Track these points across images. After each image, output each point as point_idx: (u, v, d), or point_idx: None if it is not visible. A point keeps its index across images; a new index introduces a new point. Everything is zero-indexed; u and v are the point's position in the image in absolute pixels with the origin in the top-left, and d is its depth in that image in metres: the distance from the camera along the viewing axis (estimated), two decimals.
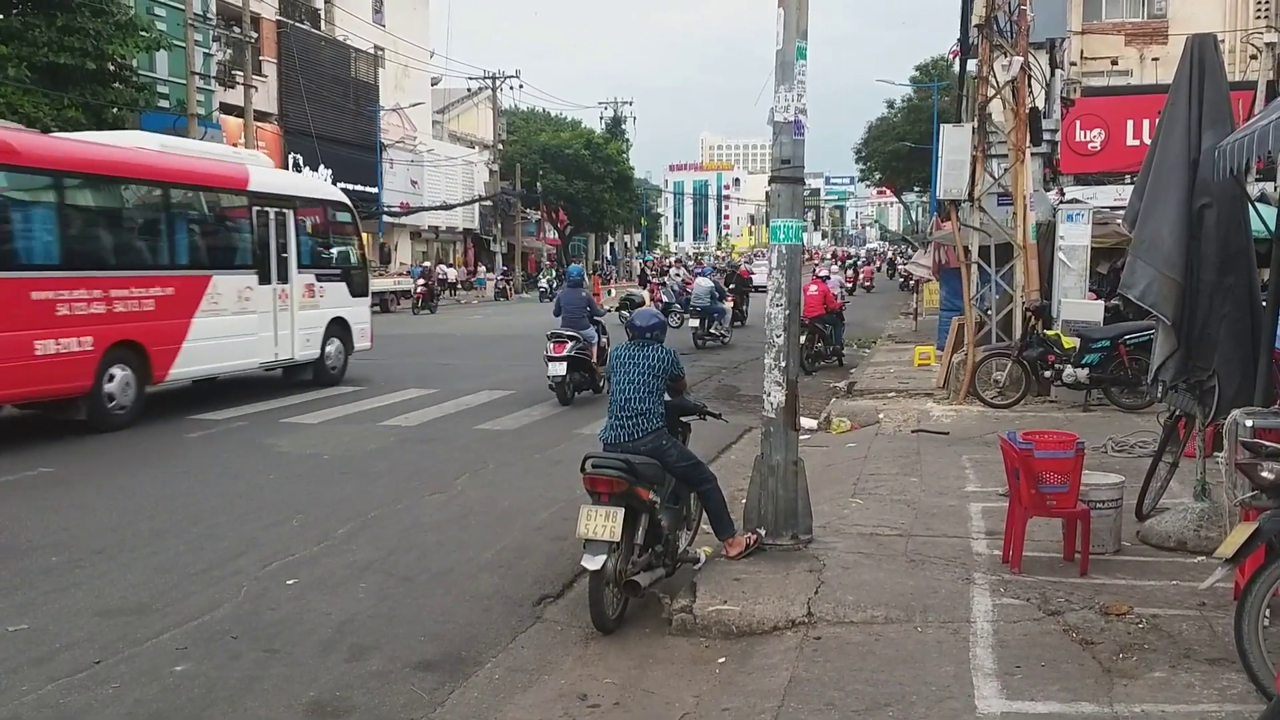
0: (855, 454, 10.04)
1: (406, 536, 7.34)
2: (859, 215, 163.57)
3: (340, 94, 41.90)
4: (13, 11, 26.18)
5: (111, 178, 12.18)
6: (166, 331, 12.27)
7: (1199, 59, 6.44)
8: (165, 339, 12.23)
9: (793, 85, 6.39)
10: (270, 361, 14.31)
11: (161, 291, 12.28)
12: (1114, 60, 28.36)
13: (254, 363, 14.00)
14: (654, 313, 6.47)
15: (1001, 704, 4.37)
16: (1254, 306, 6.46)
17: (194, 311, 12.75)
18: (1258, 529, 4.33)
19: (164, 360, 12.24)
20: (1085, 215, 13.25)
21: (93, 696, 4.70)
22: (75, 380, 10.92)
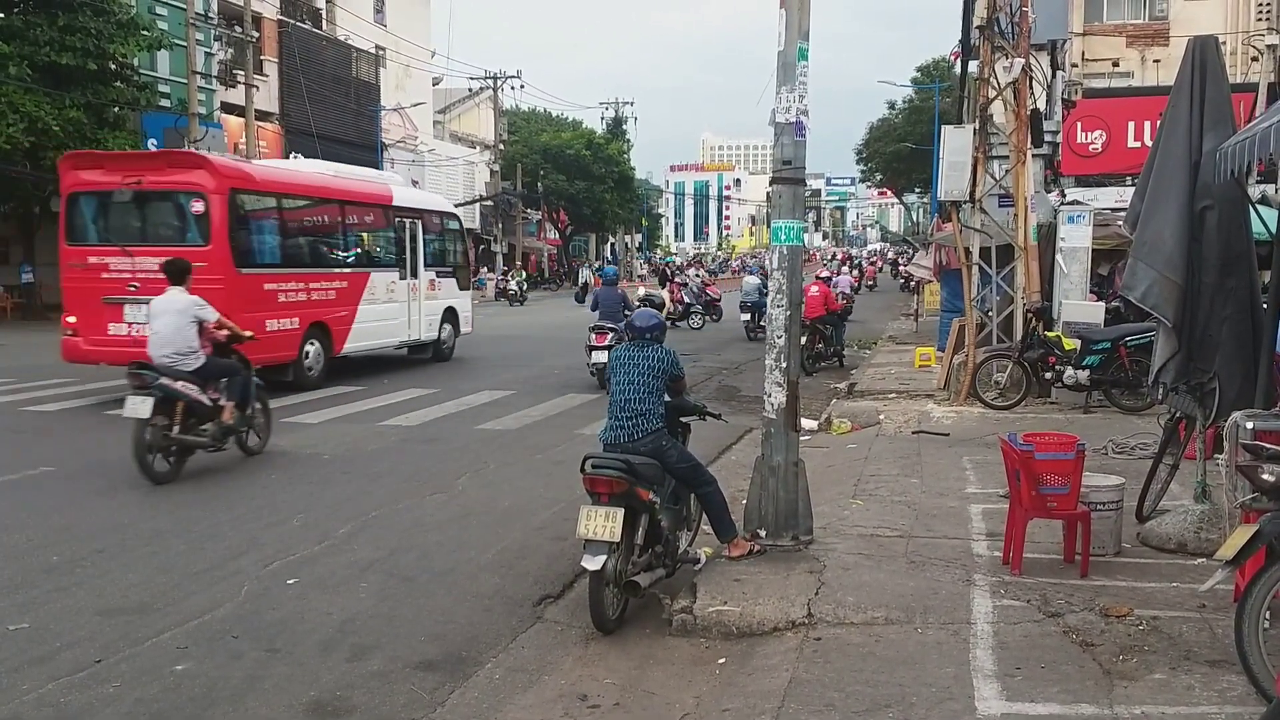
0: (856, 455, 10.05)
1: (407, 536, 7.35)
2: (860, 216, 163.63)
3: (341, 94, 41.93)
4: (14, 11, 26.21)
5: (309, 197, 15.79)
6: (342, 316, 15.76)
7: (1200, 61, 6.44)
8: (342, 322, 15.71)
9: (794, 86, 6.40)
10: (405, 341, 17.63)
11: (339, 285, 15.83)
12: (1115, 62, 28.37)
13: (394, 341, 17.37)
14: (653, 313, 6.46)
15: (1001, 705, 4.38)
16: (1255, 309, 6.46)
17: (359, 301, 16.19)
18: (1258, 531, 4.33)
19: (340, 338, 15.68)
20: (1086, 217, 13.25)
21: (93, 695, 4.71)
22: (288, 351, 14.31)
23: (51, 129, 24.58)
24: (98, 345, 13.40)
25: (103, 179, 13.78)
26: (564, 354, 20.10)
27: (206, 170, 13.55)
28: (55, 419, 11.85)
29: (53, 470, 9.30)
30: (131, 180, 13.53)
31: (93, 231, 14.02)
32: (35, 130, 24.37)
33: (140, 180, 13.54)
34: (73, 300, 13.74)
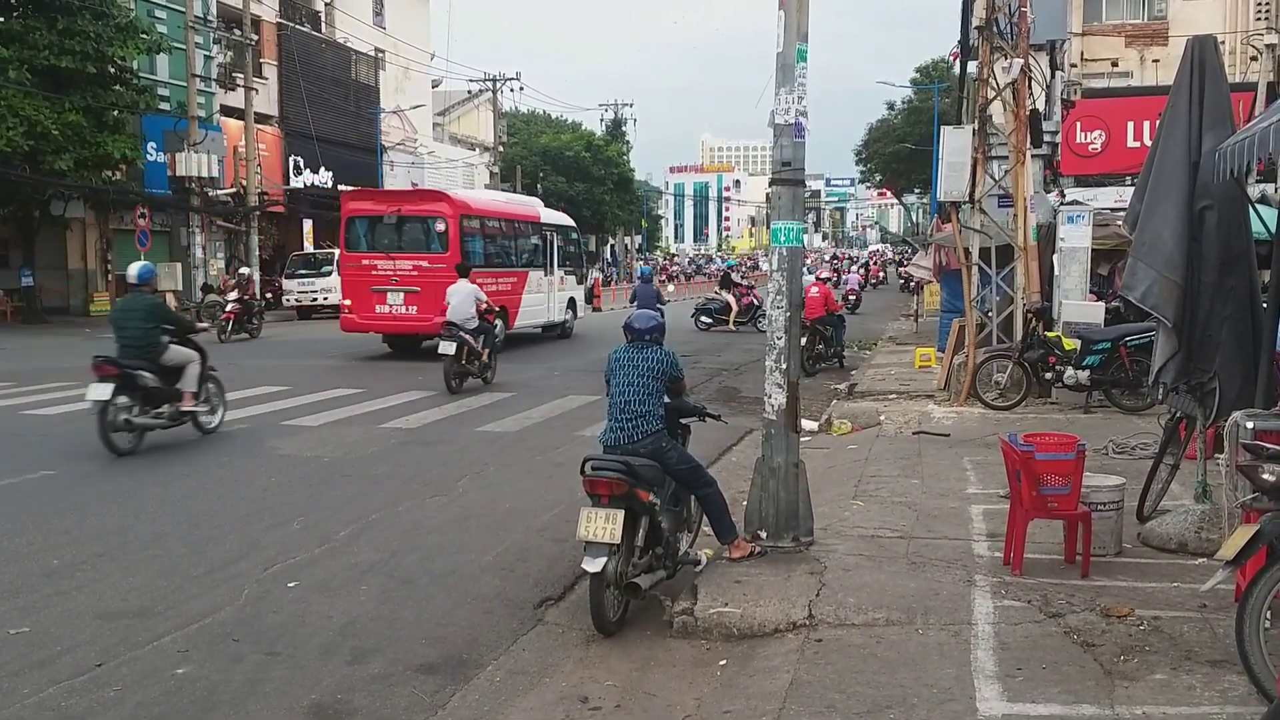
0: (856, 456, 10.04)
1: (408, 539, 7.35)
2: (859, 217, 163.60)
3: (341, 96, 41.92)
4: (13, 15, 26.20)
5: (497, 218, 21.95)
6: (515, 301, 21.31)
7: (1199, 60, 6.44)
8: (514, 305, 21.27)
9: (793, 87, 6.40)
10: (545, 323, 23.24)
11: (513, 280, 21.48)
12: (1114, 62, 28.38)
13: (540, 322, 22.96)
14: (652, 315, 6.45)
15: (1003, 706, 4.38)
16: (1255, 308, 6.46)
17: (523, 291, 21.86)
18: (1259, 531, 4.33)
19: (513, 318, 21.12)
20: (1086, 217, 13.24)
21: (94, 699, 4.71)
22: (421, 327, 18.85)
23: (51, 132, 24.55)
24: (368, 320, 19.74)
25: (372, 207, 20.84)
26: (564, 356, 20.11)
27: (446, 202, 19.88)
28: (55, 422, 11.85)
29: (53, 474, 9.30)
30: (393, 208, 20.26)
31: (364, 243, 20.30)
32: (35, 134, 24.35)
33: (400, 209, 20.26)
34: (349, 289, 20.08)
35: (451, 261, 18.21)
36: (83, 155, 26.08)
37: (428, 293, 18.62)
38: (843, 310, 20.54)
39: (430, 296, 18.30)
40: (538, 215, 24.05)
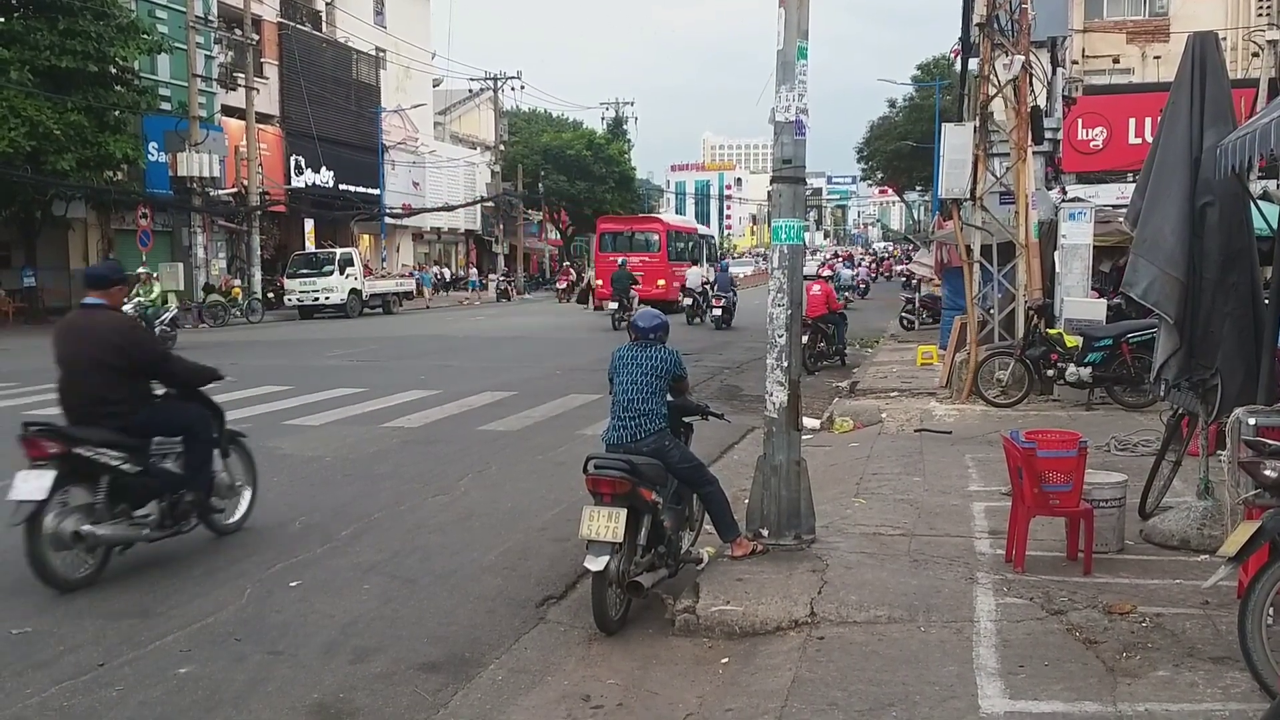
0: (858, 454, 10.04)
1: (409, 538, 7.35)
2: (861, 215, 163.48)
3: (342, 96, 41.95)
4: (14, 15, 26.21)
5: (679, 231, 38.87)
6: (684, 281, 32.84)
7: (1200, 57, 6.43)
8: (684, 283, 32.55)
9: (794, 85, 6.39)
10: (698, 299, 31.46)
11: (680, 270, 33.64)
12: (1116, 58, 28.35)
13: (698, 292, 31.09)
14: (656, 313, 6.46)
15: (1005, 703, 4.37)
16: (1256, 304, 6.45)
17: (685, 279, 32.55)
18: (1261, 527, 4.33)
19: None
20: (1087, 214, 13.24)
21: (97, 699, 4.71)
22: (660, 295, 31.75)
23: (53, 133, 24.58)
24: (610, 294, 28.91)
25: (615, 226, 37.88)
26: (565, 354, 20.11)
27: (660, 223, 38.25)
28: None
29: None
30: (628, 227, 37.80)
31: (610, 247, 35.31)
32: (36, 134, 24.38)
33: (631, 227, 37.77)
34: (601, 275, 33.56)
35: (663, 259, 35.16)
36: (84, 155, 26.10)
37: (649, 276, 33.13)
38: (844, 308, 20.56)
39: (650, 278, 33.22)
40: (695, 228, 42.96)
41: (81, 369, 6.42)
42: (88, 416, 6.37)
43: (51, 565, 5.99)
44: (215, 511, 7.16)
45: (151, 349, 6.89)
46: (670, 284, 33.72)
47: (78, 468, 6.15)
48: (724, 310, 26.27)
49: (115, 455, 6.29)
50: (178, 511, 6.71)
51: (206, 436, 6.92)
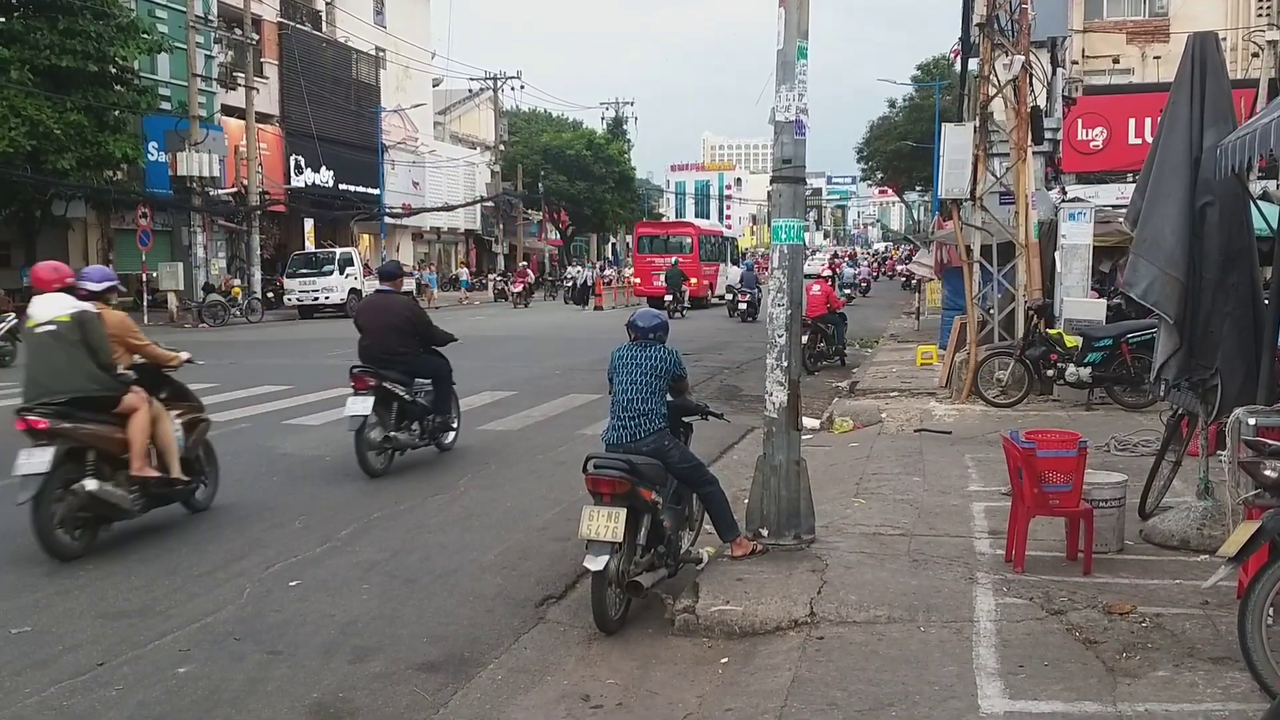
0: (858, 453, 10.04)
1: (409, 538, 7.35)
2: (861, 215, 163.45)
3: (342, 95, 41.94)
4: (14, 15, 26.20)
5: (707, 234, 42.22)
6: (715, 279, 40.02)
7: (1200, 57, 6.43)
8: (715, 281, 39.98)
9: (794, 85, 6.39)
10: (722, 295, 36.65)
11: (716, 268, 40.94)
12: (1115, 59, 28.35)
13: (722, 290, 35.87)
14: (655, 313, 6.45)
15: (1005, 704, 4.37)
16: (1257, 304, 6.45)
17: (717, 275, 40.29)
18: (1261, 527, 4.33)
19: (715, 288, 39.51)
20: (1087, 214, 13.24)
21: (96, 699, 4.71)
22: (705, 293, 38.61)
23: (53, 132, 24.58)
24: (647, 289, 36.74)
25: (651, 230, 42.92)
26: (565, 354, 20.10)
27: (692, 228, 41.98)
28: None
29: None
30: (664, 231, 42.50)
31: (648, 249, 39.62)
32: (36, 134, 24.38)
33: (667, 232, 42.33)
34: (640, 273, 39.30)
35: (695, 259, 38.09)
36: (84, 155, 26.10)
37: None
38: (847, 304, 20.66)
39: None
40: (721, 231, 48.02)
41: (381, 332, 9.48)
42: (384, 363, 9.34)
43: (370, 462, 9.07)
44: (447, 430, 10.19)
45: (425, 319, 9.95)
46: (701, 282, 38.31)
47: (383, 396, 9.13)
48: (749, 305, 29.47)
49: (402, 389, 9.33)
50: (428, 429, 9.74)
51: (449, 380, 10.05)
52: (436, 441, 9.94)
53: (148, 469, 7.04)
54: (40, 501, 6.40)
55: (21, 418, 6.57)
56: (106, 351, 6.90)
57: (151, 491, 7.16)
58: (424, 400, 9.67)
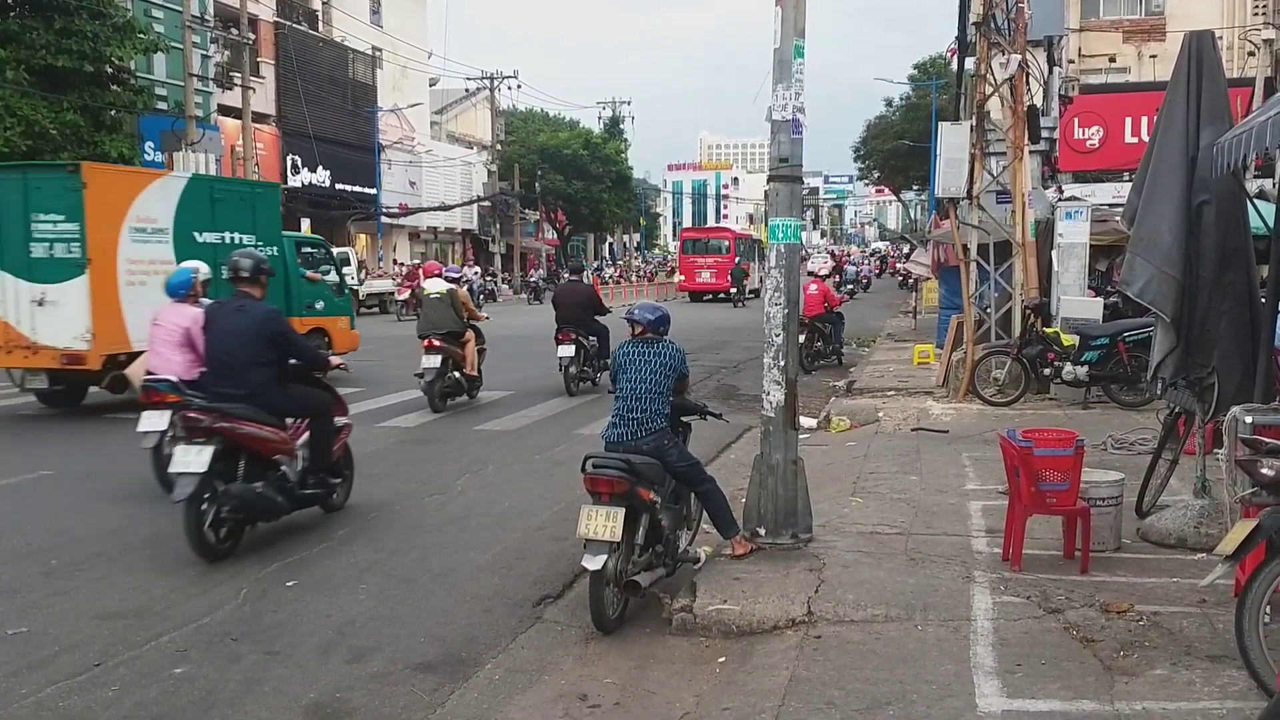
0: (855, 453, 10.04)
1: (406, 538, 7.34)
2: (858, 214, 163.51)
3: (338, 95, 41.88)
4: (10, 14, 26.14)
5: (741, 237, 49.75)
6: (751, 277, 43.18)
7: (1197, 56, 6.43)
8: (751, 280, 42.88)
9: (790, 84, 6.38)
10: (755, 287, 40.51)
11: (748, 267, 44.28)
12: (1112, 58, 28.36)
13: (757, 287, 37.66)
14: (656, 305, 6.43)
15: (1002, 702, 4.37)
16: (1253, 303, 6.46)
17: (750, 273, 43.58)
18: (1258, 526, 4.33)
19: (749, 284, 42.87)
20: (1084, 213, 13.24)
21: (92, 699, 4.70)
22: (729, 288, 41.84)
23: (49, 132, 24.51)
24: (691, 285, 44.02)
25: (695, 234, 50.78)
26: None
27: (731, 233, 49.41)
28: (54, 423, 11.83)
29: (51, 474, 9.28)
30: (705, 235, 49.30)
31: (691, 250, 45.77)
32: (32, 133, 24.32)
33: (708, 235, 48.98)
34: (684, 270, 45.42)
35: (731, 260, 42.71)
36: (81, 155, 26.01)
37: (719, 273, 42.39)
38: (850, 298, 20.74)
39: (720, 274, 42.25)
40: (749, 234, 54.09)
41: (571, 306, 14.45)
42: (573, 325, 14.19)
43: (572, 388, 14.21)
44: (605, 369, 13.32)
45: (598, 298, 15.02)
46: None
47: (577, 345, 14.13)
48: None
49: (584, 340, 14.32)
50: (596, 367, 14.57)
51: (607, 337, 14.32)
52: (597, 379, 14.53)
53: (472, 370, 13.34)
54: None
55: (424, 338, 12.89)
56: (459, 309, 13.27)
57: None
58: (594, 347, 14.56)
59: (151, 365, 8.24)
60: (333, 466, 7.75)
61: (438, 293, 13.19)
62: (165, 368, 8.01)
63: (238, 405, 6.82)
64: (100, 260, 11.87)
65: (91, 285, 11.77)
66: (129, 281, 12.16)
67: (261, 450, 7.00)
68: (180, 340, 8.11)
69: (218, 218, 13.59)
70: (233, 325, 7.02)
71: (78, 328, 11.74)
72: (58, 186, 11.94)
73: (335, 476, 7.82)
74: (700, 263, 43.62)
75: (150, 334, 8.45)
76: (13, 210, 11.94)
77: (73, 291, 11.77)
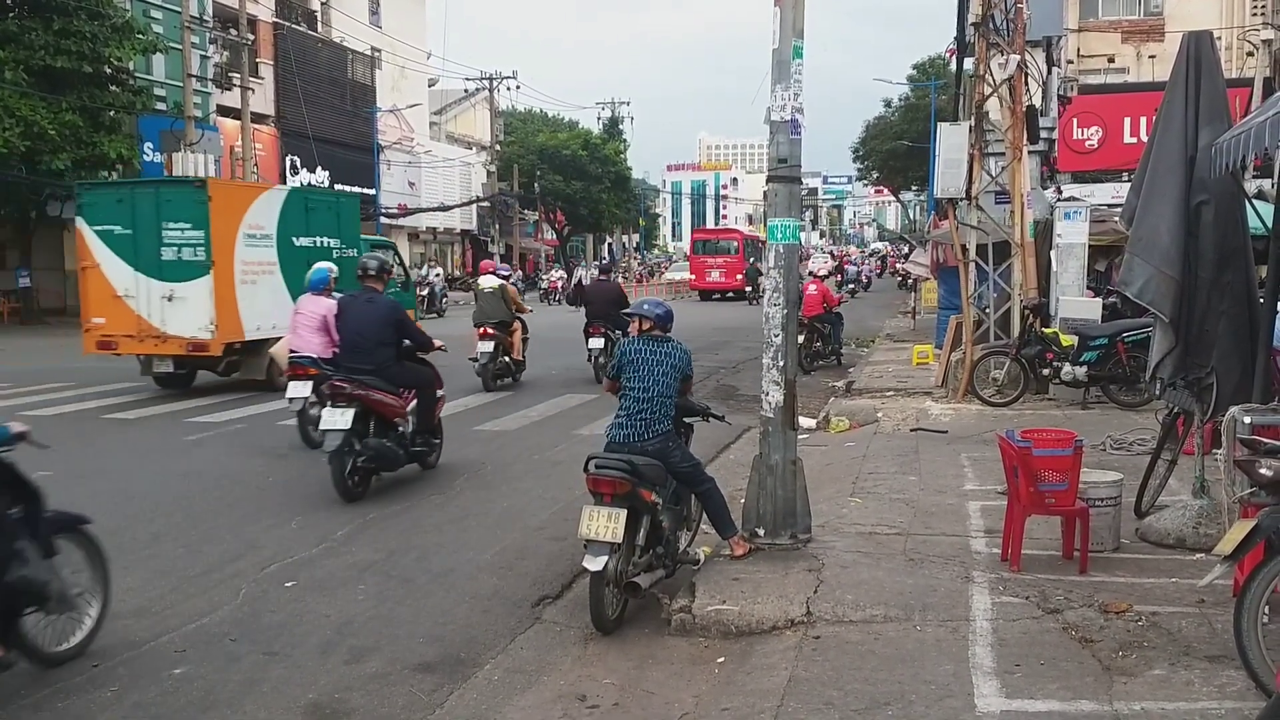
0: (854, 453, 10.04)
1: (405, 538, 7.34)
2: (857, 214, 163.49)
3: (337, 95, 41.86)
4: (9, 15, 26.14)
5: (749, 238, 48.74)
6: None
7: (1195, 56, 6.44)
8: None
9: (789, 84, 6.38)
10: None
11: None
12: (1111, 58, 28.39)
13: None
14: (659, 300, 6.41)
15: (1001, 702, 4.37)
16: (1252, 303, 6.46)
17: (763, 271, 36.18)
18: (1256, 526, 4.33)
19: None
20: (1083, 213, 13.25)
21: (91, 700, 4.70)
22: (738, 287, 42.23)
23: (48, 133, 24.51)
24: (702, 284, 44.52)
25: (705, 235, 51.23)
26: (562, 354, 20.06)
27: (740, 234, 50.50)
28: (53, 423, 11.83)
29: (50, 475, 9.24)
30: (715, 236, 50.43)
31: (701, 250, 46.73)
32: (31, 134, 24.32)
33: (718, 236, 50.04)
34: (695, 270, 46.21)
35: (740, 260, 43.82)
36: (80, 155, 26.04)
37: (729, 273, 43.62)
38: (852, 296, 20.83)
39: (730, 274, 43.34)
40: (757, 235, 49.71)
41: (602, 303, 15.32)
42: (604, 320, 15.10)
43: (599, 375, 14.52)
44: None
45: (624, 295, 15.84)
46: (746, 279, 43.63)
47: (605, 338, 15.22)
48: None
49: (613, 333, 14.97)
50: None
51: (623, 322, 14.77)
52: None
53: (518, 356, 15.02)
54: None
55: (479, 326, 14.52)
56: (509, 303, 14.89)
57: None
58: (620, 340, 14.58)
59: (294, 345, 10.12)
60: (433, 429, 9.28)
61: (491, 288, 14.95)
62: (306, 347, 9.97)
63: (368, 377, 8.34)
64: (221, 262, 13.70)
65: (214, 283, 13.59)
66: (243, 280, 14.05)
67: (386, 414, 8.49)
68: (318, 325, 9.90)
69: (310, 224, 15.51)
70: (363, 313, 8.59)
71: (202, 319, 13.60)
72: (187, 199, 13.77)
73: (435, 438, 9.38)
74: (710, 262, 45.15)
75: (292, 320, 10.31)
76: (147, 220, 13.76)
77: (198, 289, 13.61)
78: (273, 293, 14.44)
